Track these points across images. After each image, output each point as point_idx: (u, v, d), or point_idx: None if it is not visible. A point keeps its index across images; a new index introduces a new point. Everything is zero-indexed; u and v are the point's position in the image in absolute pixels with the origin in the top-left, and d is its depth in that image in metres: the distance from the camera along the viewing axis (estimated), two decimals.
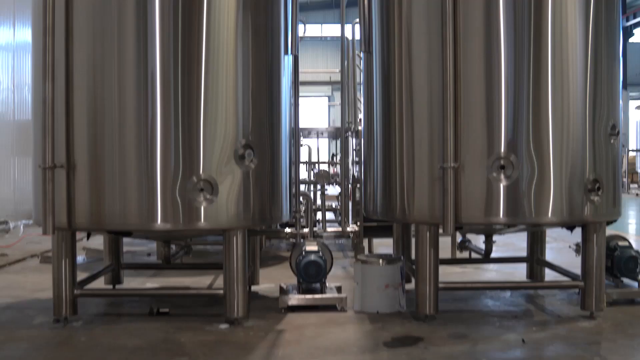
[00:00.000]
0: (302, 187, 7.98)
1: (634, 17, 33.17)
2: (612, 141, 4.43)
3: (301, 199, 6.51)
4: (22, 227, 9.99)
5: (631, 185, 24.72)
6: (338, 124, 8.58)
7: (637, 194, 21.31)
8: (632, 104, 34.67)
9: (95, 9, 4.12)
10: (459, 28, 4.18)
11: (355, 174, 8.47)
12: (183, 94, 4.08)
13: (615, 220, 4.64)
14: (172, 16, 4.09)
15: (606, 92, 4.42)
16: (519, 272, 5.98)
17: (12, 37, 12.40)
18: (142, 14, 4.08)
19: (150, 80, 4.06)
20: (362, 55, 5.24)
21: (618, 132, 4.49)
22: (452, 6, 4.14)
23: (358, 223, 7.21)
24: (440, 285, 4.38)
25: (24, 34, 12.47)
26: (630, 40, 34.94)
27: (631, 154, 27.34)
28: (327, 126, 13.20)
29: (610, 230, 4.83)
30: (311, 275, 4.72)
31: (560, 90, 4.22)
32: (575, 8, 4.29)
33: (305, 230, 6.30)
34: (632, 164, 26.92)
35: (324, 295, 4.75)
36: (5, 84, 12.14)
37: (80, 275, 4.59)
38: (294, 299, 4.69)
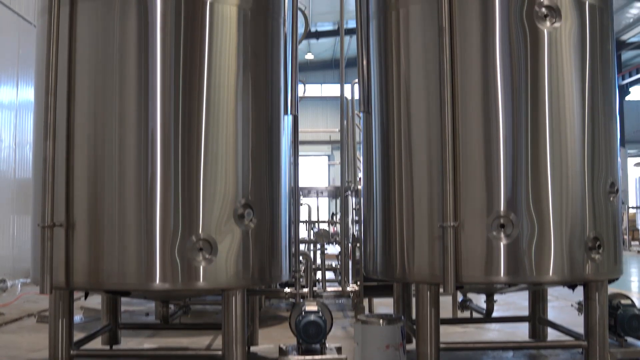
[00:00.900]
0: (302, 247, 7.96)
1: (630, 76, 33.62)
2: (611, 199, 4.44)
3: (301, 258, 6.47)
4: (19, 285, 9.91)
5: (632, 243, 24.62)
6: (338, 182, 8.60)
7: (638, 251, 21.21)
8: (631, 161, 34.84)
9: (98, 69, 4.18)
10: (457, 87, 4.24)
11: (355, 233, 8.44)
12: (183, 153, 4.10)
13: (617, 279, 4.61)
14: (173, 76, 4.14)
15: (604, 150, 4.45)
16: (521, 331, 5.91)
17: (15, 96, 12.56)
18: (143, 74, 4.14)
19: (150, 140, 4.09)
20: (361, 114, 5.29)
21: (617, 190, 4.50)
22: (449, 66, 4.20)
23: (358, 282, 7.14)
24: (441, 345, 4.32)
25: (27, 93, 12.62)
26: (627, 98, 35.31)
27: (631, 210, 27.33)
28: (327, 185, 13.25)
29: (612, 288, 4.79)
30: (311, 335, 4.67)
31: (558, 149, 4.25)
32: (571, 68, 4.35)
33: (305, 289, 6.25)
34: (632, 221, 26.89)
35: (323, 356, 4.67)
36: (7, 142, 12.24)
37: (77, 335, 4.53)
38: (294, 359, 4.62)
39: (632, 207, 28.12)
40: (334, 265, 9.18)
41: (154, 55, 4.14)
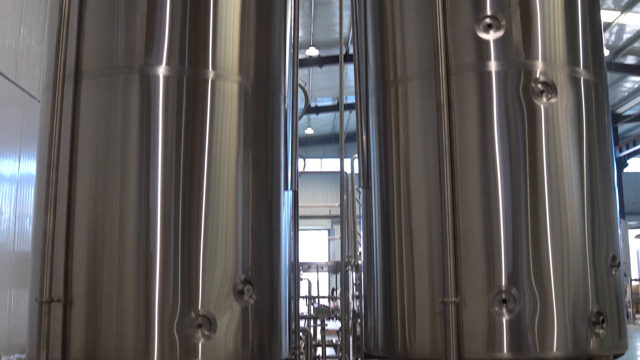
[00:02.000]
0: (302, 322, 7.87)
1: (627, 148, 33.99)
2: (613, 272, 4.41)
3: (301, 334, 6.40)
4: None
5: (636, 316, 24.35)
6: (338, 257, 8.59)
7: None
8: (631, 232, 34.80)
9: (99, 144, 4.22)
10: (456, 162, 4.27)
11: (356, 309, 8.37)
12: (183, 228, 4.10)
13: (622, 354, 4.53)
14: (175, 152, 4.17)
15: (604, 223, 4.44)
16: None
17: (17, 170, 12.65)
18: (144, 149, 4.17)
19: (150, 215, 4.09)
20: (361, 189, 5.31)
21: (619, 263, 4.48)
22: (448, 141, 4.25)
23: (359, 359, 7.04)
24: None
25: (29, 167, 12.72)
26: (625, 170, 35.60)
27: (634, 283, 27.14)
28: (327, 260, 13.25)
29: None
30: None
31: (558, 223, 4.25)
32: (568, 142, 4.39)
33: None
34: (635, 294, 26.67)
35: None
36: (7, 215, 12.26)
37: None
38: None
39: (635, 280, 27.93)
40: (334, 342, 9.07)
41: (156, 130, 4.19)
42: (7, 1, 12.58)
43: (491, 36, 4.41)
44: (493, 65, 4.38)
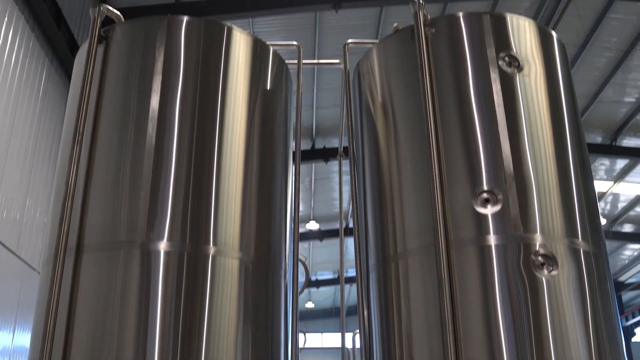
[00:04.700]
0: None
1: (633, 317, 33.52)
2: None
3: None
4: None
5: None
6: None
7: None
8: None
9: (97, 317, 4.14)
10: (459, 335, 4.20)
11: None
12: None
13: None
14: (173, 326, 4.11)
15: None
16: None
17: (10, 342, 12.42)
18: (142, 324, 4.10)
19: None
20: None
21: None
22: (451, 314, 4.20)
23: None
24: None
25: (23, 339, 12.50)
26: (633, 339, 34.90)
27: None
28: None
29: None
30: None
31: None
32: (572, 313, 4.34)
33: None
34: None
35: None
36: None
37: None
38: None
39: None
40: None
41: (155, 305, 4.15)
42: (15, 175, 12.93)
43: (489, 211, 4.48)
44: (492, 239, 4.41)
